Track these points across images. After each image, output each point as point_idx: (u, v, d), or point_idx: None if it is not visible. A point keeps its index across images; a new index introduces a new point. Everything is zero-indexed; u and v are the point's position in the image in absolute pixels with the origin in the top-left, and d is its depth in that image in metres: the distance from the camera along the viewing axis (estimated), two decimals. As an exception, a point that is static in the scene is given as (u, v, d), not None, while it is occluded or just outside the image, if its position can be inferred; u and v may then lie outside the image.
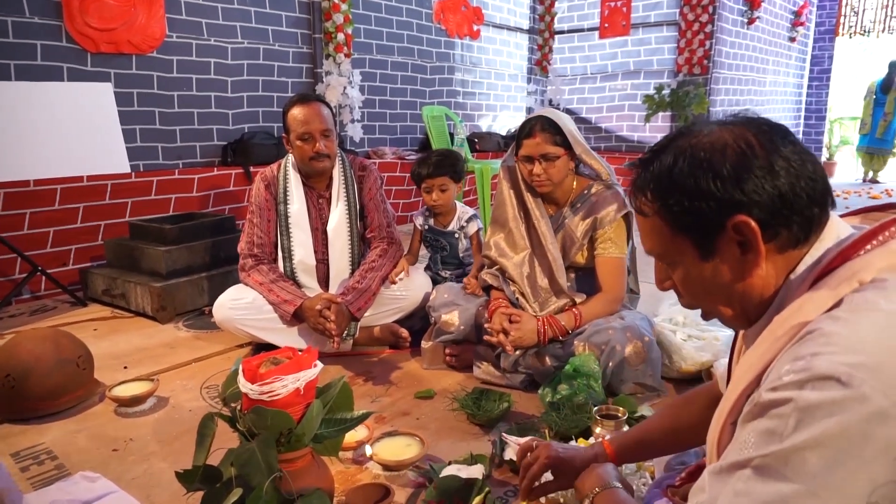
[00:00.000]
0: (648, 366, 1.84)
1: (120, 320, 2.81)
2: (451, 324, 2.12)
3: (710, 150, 0.78)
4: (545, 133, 1.93)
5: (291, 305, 2.22)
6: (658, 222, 0.82)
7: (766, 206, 0.75)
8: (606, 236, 1.99)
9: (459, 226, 2.45)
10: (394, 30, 5.30)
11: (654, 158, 0.83)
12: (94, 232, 3.32)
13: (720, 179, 0.76)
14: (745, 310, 0.83)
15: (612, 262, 1.98)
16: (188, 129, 3.98)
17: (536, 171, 1.95)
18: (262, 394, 1.17)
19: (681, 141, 0.81)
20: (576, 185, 2.06)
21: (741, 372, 0.79)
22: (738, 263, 0.78)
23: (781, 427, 0.64)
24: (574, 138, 1.96)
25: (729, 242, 0.77)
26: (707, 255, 0.80)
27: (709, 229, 0.78)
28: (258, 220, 2.38)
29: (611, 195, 2.00)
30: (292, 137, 2.31)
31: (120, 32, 3.56)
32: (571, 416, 1.70)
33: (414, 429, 1.75)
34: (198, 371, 2.23)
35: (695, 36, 6.05)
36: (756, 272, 0.78)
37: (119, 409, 1.91)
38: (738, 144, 0.77)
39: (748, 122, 0.81)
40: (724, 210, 0.76)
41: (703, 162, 0.77)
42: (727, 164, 0.76)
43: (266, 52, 4.37)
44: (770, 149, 0.76)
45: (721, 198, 0.75)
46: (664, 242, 0.83)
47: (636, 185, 0.86)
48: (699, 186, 0.77)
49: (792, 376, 0.65)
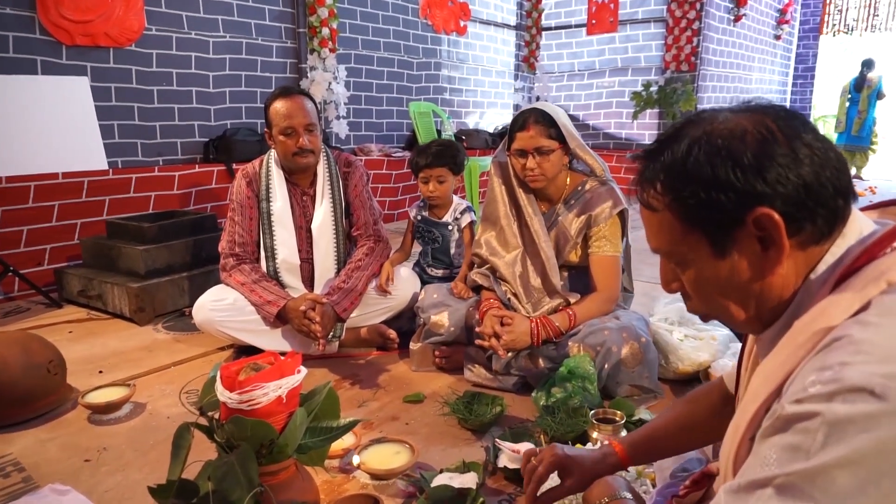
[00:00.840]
0: (645, 367, 1.78)
1: (96, 322, 2.71)
2: (440, 325, 2.05)
3: (728, 137, 0.72)
4: (539, 126, 1.86)
5: (275, 306, 2.14)
6: (669, 217, 0.76)
7: (790, 197, 0.69)
8: (601, 234, 1.93)
9: (454, 217, 2.38)
10: (380, 25, 5.22)
11: (664, 148, 0.76)
12: (70, 231, 3.21)
13: (740, 168, 0.69)
14: (759, 312, 0.77)
15: (607, 260, 1.93)
16: (168, 125, 3.88)
17: (530, 166, 1.89)
18: (242, 403, 1.09)
19: (693, 129, 0.75)
20: (569, 182, 2.00)
21: (759, 382, 0.73)
22: (758, 261, 0.72)
23: (808, 443, 0.58)
24: (568, 132, 1.90)
25: (748, 238, 0.71)
26: (723, 252, 0.74)
27: (726, 224, 0.71)
28: (240, 219, 2.30)
29: (605, 191, 1.94)
30: (275, 132, 2.23)
31: (96, 25, 3.44)
32: (567, 420, 1.64)
33: (403, 434, 1.68)
34: (177, 375, 2.14)
35: (682, 33, 6.03)
36: (777, 270, 0.72)
37: (93, 416, 1.82)
38: (759, 131, 0.71)
39: (764, 108, 0.75)
40: (745, 202, 0.69)
41: (722, 150, 0.71)
42: (748, 152, 0.70)
43: (249, 47, 4.27)
44: (792, 135, 0.71)
45: (741, 189, 0.69)
46: (675, 239, 0.77)
47: (644, 177, 0.79)
48: (717, 176, 0.70)
49: (819, 388, 0.59)
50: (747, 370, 0.92)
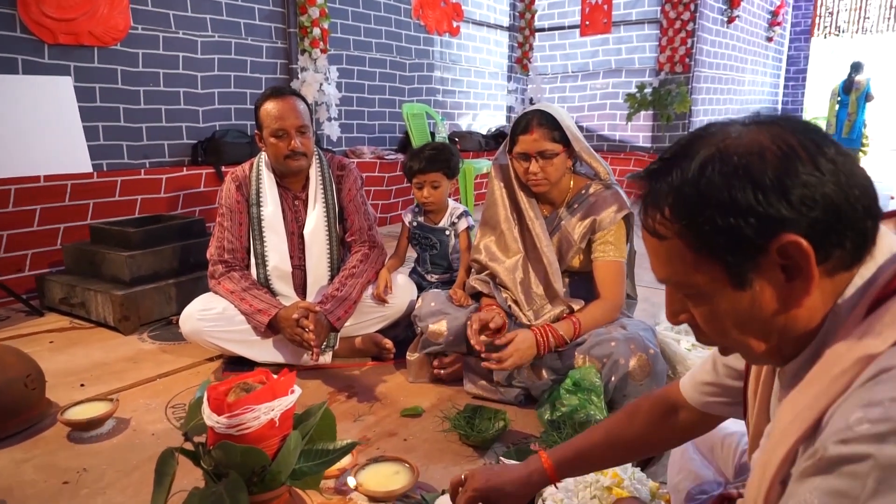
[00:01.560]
0: (653, 381, 1.71)
1: (79, 332, 2.61)
2: (439, 334, 1.97)
3: (745, 154, 0.64)
4: (543, 129, 1.79)
5: (266, 315, 2.05)
6: (679, 245, 0.68)
7: (818, 221, 0.61)
8: (605, 239, 1.86)
9: (450, 222, 2.30)
10: (372, 25, 5.14)
11: (671, 168, 0.68)
12: (53, 236, 3.10)
13: (761, 190, 0.62)
14: (782, 345, 0.69)
15: (612, 266, 1.85)
16: (155, 126, 3.77)
17: (533, 170, 1.81)
18: (231, 427, 1.01)
19: (703, 145, 0.67)
20: (573, 185, 1.93)
21: (789, 418, 0.66)
22: (783, 291, 0.64)
23: (857, 489, 0.52)
24: (573, 135, 1.83)
25: (771, 267, 0.63)
26: (742, 284, 0.65)
27: (747, 252, 0.64)
28: (229, 224, 2.21)
29: (610, 195, 1.87)
30: (265, 134, 2.14)
31: (80, 23, 3.34)
32: (573, 435, 1.56)
33: (402, 452, 1.60)
34: (163, 388, 2.04)
35: (676, 34, 6.00)
36: (804, 302, 0.64)
37: (73, 433, 1.72)
38: (779, 146, 0.63)
39: (779, 119, 0.68)
40: (768, 228, 0.62)
41: (739, 169, 0.63)
42: (769, 171, 0.62)
43: (238, 47, 4.17)
44: (814, 150, 0.63)
45: (763, 213, 0.61)
46: (687, 270, 0.68)
47: (648, 201, 0.71)
48: (735, 200, 0.62)
49: (868, 427, 0.53)
50: (757, 398, 0.85)
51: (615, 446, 1.07)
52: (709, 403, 0.99)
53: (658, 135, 6.32)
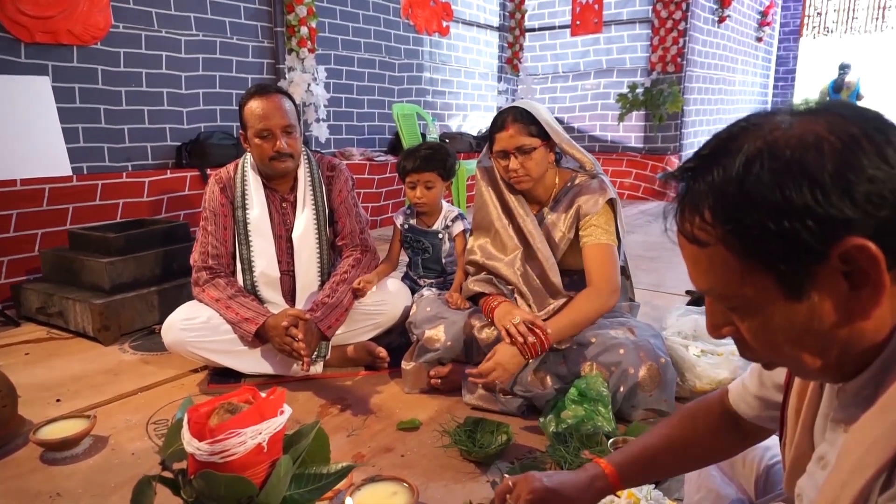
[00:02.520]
0: (664, 391, 1.63)
1: (57, 342, 2.49)
2: (436, 340, 1.88)
3: (799, 147, 0.56)
4: (518, 124, 1.75)
5: (253, 324, 1.95)
6: (723, 253, 0.60)
7: (887, 221, 0.53)
8: (591, 223, 1.79)
9: (444, 225, 2.21)
10: (360, 24, 5.04)
11: (711, 165, 0.60)
12: (30, 242, 2.97)
13: (820, 188, 0.54)
14: (842, 360, 0.61)
15: (600, 248, 1.77)
16: (137, 128, 3.65)
17: (513, 167, 1.77)
18: (214, 454, 0.91)
19: (747, 139, 0.59)
20: (558, 180, 1.88)
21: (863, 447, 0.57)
22: (846, 302, 0.56)
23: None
24: (551, 127, 1.78)
25: (832, 275, 0.55)
26: (798, 294, 0.57)
27: (803, 259, 0.55)
28: (213, 228, 2.10)
29: (596, 183, 1.83)
30: (250, 134, 2.04)
31: (58, 21, 3.22)
32: (581, 448, 1.47)
33: (399, 469, 1.51)
34: (144, 403, 1.93)
35: (668, 33, 5.95)
36: (872, 313, 0.56)
37: (46, 454, 1.61)
38: (838, 137, 0.55)
39: (834, 107, 0.59)
40: (828, 231, 0.54)
41: (792, 164, 0.55)
42: (828, 166, 0.54)
43: (223, 46, 4.06)
44: (880, 141, 0.55)
45: (822, 214, 0.53)
46: (733, 280, 0.60)
47: (685, 203, 0.62)
48: (789, 200, 0.54)
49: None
50: (800, 417, 0.77)
51: (678, 453, 0.99)
52: (760, 417, 0.91)
53: (650, 135, 6.27)
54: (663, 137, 6.21)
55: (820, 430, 0.73)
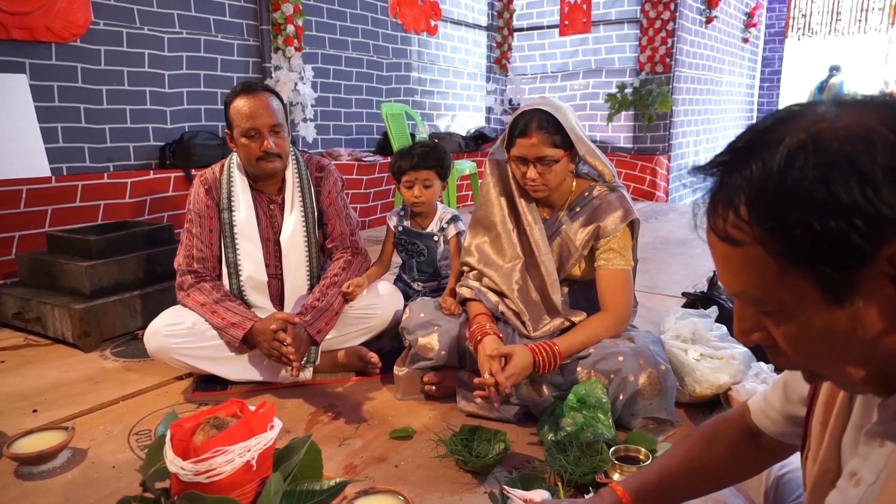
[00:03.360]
0: (664, 399, 1.58)
1: (34, 349, 2.40)
2: (429, 348, 1.82)
3: (847, 139, 0.51)
4: (542, 133, 1.63)
5: (240, 329, 1.88)
6: (759, 253, 0.56)
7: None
8: (609, 246, 1.72)
9: (440, 227, 2.15)
10: (347, 23, 4.97)
11: (747, 158, 0.56)
12: (7, 245, 2.88)
13: (871, 185, 0.49)
14: (886, 371, 0.57)
15: (617, 275, 1.72)
16: (119, 127, 3.56)
17: (531, 176, 1.66)
18: (199, 474, 0.85)
19: (788, 130, 0.54)
20: (575, 187, 1.79)
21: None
22: (893, 309, 0.52)
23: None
24: (577, 136, 1.68)
25: (878, 278, 0.51)
26: (840, 299, 0.53)
27: (847, 261, 0.51)
28: (198, 230, 2.03)
29: (616, 199, 1.73)
30: (236, 134, 1.97)
31: (36, 17, 3.12)
32: (582, 458, 1.43)
33: (393, 480, 1.45)
34: (126, 412, 1.86)
35: (657, 33, 5.93)
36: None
37: (20, 468, 1.53)
38: (890, 129, 0.51)
39: (879, 98, 0.55)
40: (878, 231, 0.50)
41: (840, 158, 0.51)
42: (879, 160, 0.50)
43: (208, 44, 3.97)
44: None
45: (873, 213, 0.49)
46: (767, 283, 0.56)
47: (718, 198, 0.58)
48: (837, 197, 0.50)
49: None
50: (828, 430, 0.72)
51: (698, 475, 0.95)
52: (785, 433, 0.86)
53: (639, 135, 6.25)
54: (652, 138, 6.19)
55: (850, 443, 0.69)
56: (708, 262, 3.76)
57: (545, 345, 1.64)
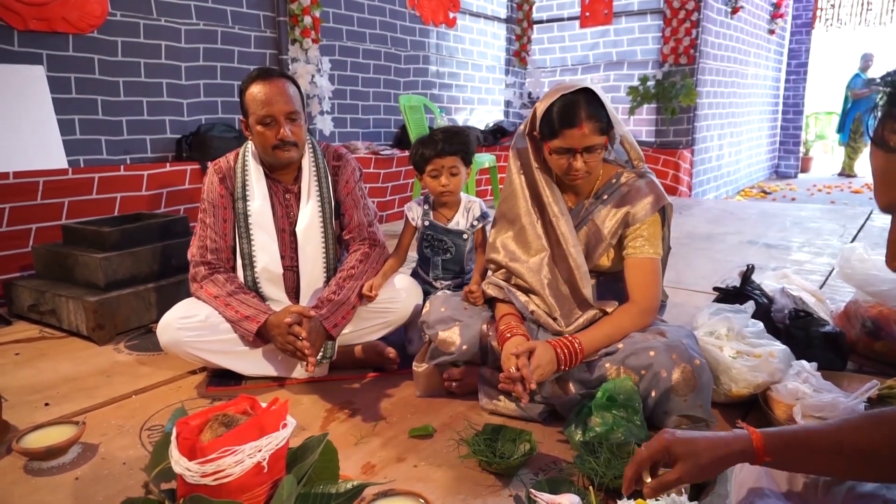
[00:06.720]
0: (699, 395, 1.49)
1: (49, 342, 2.37)
2: (450, 343, 1.74)
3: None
4: (592, 121, 1.53)
5: (254, 322, 1.82)
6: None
7: None
8: (638, 233, 1.64)
9: (469, 223, 2.06)
10: (365, 15, 4.91)
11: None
12: (24, 237, 2.86)
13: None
14: None
15: (646, 263, 1.63)
16: (136, 119, 3.53)
17: (578, 167, 1.57)
18: (206, 476, 0.78)
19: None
20: (602, 172, 1.71)
21: None
22: None
23: None
24: (616, 119, 1.60)
25: None
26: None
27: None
28: (212, 221, 1.98)
29: (645, 185, 1.65)
30: (252, 121, 1.92)
31: (53, 8, 3.10)
32: (613, 460, 1.35)
33: (413, 481, 1.38)
34: (138, 407, 1.81)
35: (681, 24, 5.79)
36: None
37: (30, 464, 1.49)
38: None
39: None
40: None
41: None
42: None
43: (224, 36, 3.93)
44: None
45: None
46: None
47: (886, 109, 0.56)
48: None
49: None
50: None
51: (844, 452, 0.87)
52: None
53: (662, 129, 6.12)
54: (675, 131, 6.06)
55: None
56: (735, 256, 3.65)
57: (566, 339, 1.56)
